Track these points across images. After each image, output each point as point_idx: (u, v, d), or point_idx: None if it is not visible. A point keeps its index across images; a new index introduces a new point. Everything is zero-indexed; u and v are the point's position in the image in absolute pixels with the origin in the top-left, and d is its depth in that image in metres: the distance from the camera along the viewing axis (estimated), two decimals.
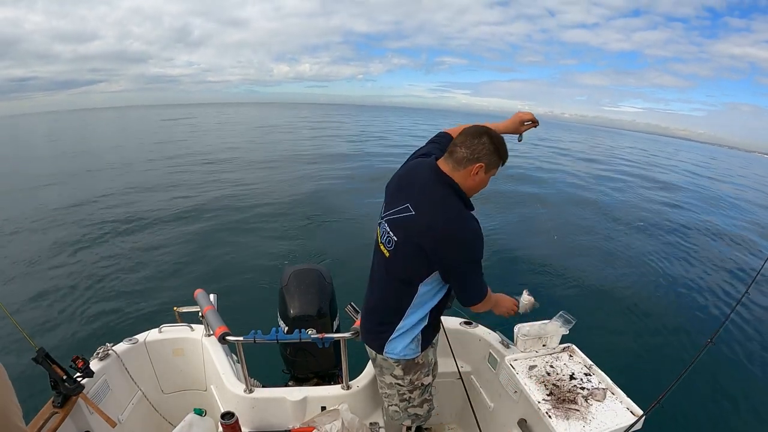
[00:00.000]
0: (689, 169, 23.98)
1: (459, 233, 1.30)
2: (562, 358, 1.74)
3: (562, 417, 1.44)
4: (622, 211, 8.75)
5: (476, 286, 1.42)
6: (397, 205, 1.38)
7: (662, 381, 1.32)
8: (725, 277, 5.33)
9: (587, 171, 16.06)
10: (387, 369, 1.58)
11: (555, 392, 1.55)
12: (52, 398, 1.54)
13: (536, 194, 10.07)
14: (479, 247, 1.34)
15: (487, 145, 1.32)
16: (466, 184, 1.35)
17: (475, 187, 1.37)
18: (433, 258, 1.32)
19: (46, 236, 6.81)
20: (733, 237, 7.14)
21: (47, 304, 4.55)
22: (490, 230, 6.78)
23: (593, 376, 1.63)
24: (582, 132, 78.11)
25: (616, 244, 6.58)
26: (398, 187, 1.43)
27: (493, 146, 1.32)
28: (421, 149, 1.54)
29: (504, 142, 1.37)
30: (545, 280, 5.05)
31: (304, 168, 11.87)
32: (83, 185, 10.66)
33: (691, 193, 12.27)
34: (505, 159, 1.38)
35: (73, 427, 1.63)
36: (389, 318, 1.48)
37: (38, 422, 1.46)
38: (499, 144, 1.35)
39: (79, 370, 1.60)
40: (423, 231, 1.31)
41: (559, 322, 1.76)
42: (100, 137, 30.54)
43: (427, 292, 1.42)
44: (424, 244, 1.31)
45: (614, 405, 1.49)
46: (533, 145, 24.19)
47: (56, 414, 1.51)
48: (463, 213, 1.33)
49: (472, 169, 1.31)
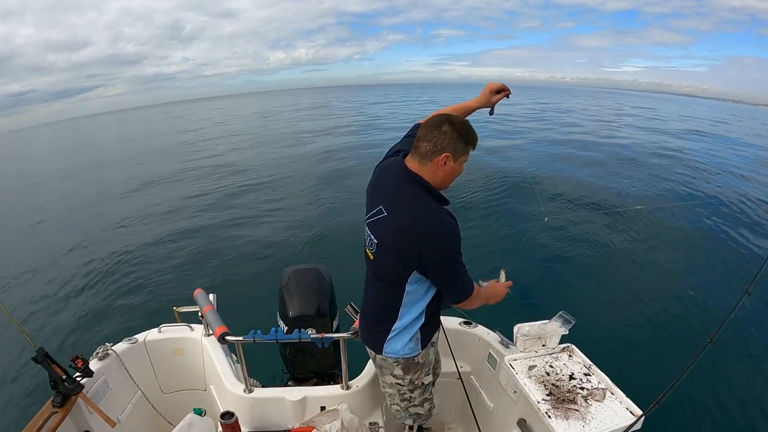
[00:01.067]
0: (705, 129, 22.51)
1: (426, 230, 1.28)
2: (561, 358, 1.74)
3: (561, 417, 1.44)
4: (618, 195, 8.62)
5: (458, 283, 1.38)
6: (373, 208, 1.39)
7: (662, 381, 1.32)
8: (726, 275, 5.32)
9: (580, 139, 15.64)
10: (387, 369, 1.58)
11: (554, 392, 1.55)
12: (51, 398, 1.55)
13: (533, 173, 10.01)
14: (451, 241, 1.30)
15: (449, 134, 1.28)
16: (436, 178, 1.32)
17: (445, 178, 1.34)
18: (408, 259, 1.32)
19: (46, 236, 6.82)
20: (737, 231, 7.08)
21: (47, 304, 4.56)
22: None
23: (593, 376, 1.63)
24: (584, 95, 76.68)
25: (616, 239, 6.57)
26: (373, 190, 1.44)
27: (456, 133, 1.28)
28: (395, 146, 1.52)
29: (468, 127, 1.32)
30: (543, 276, 5.04)
31: (304, 165, 11.85)
32: (82, 185, 10.68)
33: (698, 164, 11.88)
34: (472, 143, 1.33)
35: (73, 427, 1.63)
36: (385, 318, 1.48)
37: (38, 422, 1.46)
38: (462, 130, 1.30)
39: (79, 369, 1.60)
40: (394, 232, 1.32)
41: (558, 322, 1.76)
42: (102, 141, 30.58)
43: (416, 290, 1.41)
44: (396, 246, 1.32)
45: (614, 405, 1.49)
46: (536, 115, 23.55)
47: (56, 414, 1.51)
48: (431, 209, 1.30)
49: (438, 161, 1.28)
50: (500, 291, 1.58)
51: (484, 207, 7.36)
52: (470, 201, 7.53)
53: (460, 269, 1.35)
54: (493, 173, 9.01)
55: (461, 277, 1.37)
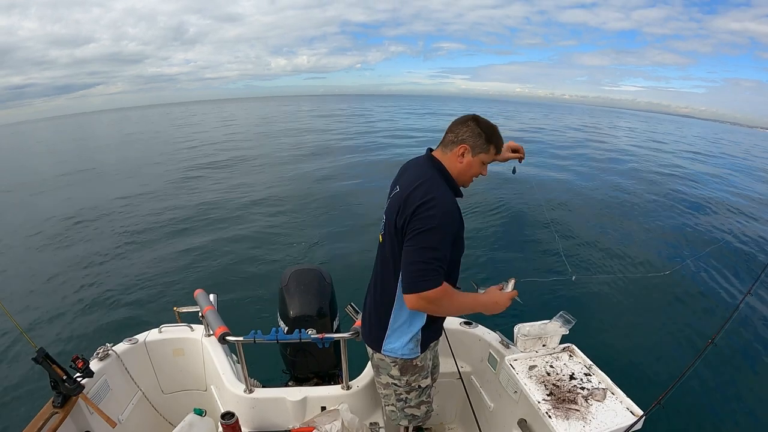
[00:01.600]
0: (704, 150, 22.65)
1: (419, 197, 1.24)
2: (562, 358, 1.74)
3: (562, 417, 1.43)
4: (622, 201, 8.64)
5: (419, 268, 1.21)
6: (392, 193, 1.42)
7: (663, 381, 1.32)
8: (728, 276, 5.31)
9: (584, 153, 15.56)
10: (384, 369, 1.56)
11: (555, 392, 1.55)
12: (52, 398, 1.54)
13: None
14: (439, 218, 1.21)
15: (472, 128, 1.33)
16: (455, 169, 1.35)
17: (463, 171, 1.36)
18: (399, 229, 1.28)
19: (46, 236, 6.83)
20: (739, 233, 7.08)
21: (47, 305, 4.56)
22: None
23: (593, 376, 1.62)
24: (584, 113, 76.65)
25: (617, 237, 6.56)
26: (395, 179, 1.47)
27: (479, 129, 1.33)
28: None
29: (492, 128, 1.35)
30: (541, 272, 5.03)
31: (304, 165, 11.86)
32: (80, 188, 10.69)
33: (697, 181, 11.98)
34: (494, 143, 1.35)
35: (73, 427, 1.63)
36: (383, 311, 1.46)
37: (38, 422, 1.46)
38: (485, 128, 1.34)
39: (79, 370, 1.60)
40: (397, 201, 1.32)
41: (559, 322, 1.76)
42: (100, 139, 30.56)
43: None
44: (392, 216, 1.33)
45: (614, 405, 1.48)
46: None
47: (56, 414, 1.51)
48: (436, 185, 1.29)
49: (457, 151, 1.33)
50: (501, 301, 1.42)
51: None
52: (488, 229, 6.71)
53: (428, 255, 1.21)
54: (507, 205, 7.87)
55: (426, 264, 1.21)
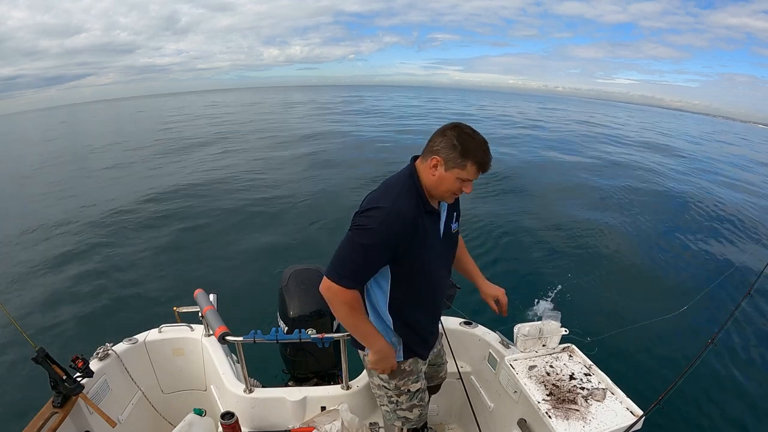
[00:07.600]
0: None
1: (365, 204, 1.23)
2: (561, 358, 1.74)
3: (561, 417, 1.44)
4: (624, 200, 8.61)
5: (340, 259, 1.22)
6: None
7: (662, 381, 1.32)
8: (727, 276, 5.31)
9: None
10: (373, 371, 1.54)
11: (555, 392, 1.55)
12: (52, 398, 1.54)
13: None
14: (372, 223, 1.17)
15: (448, 138, 1.17)
16: (429, 181, 1.24)
17: (434, 185, 1.23)
18: None
19: (46, 236, 6.82)
20: (738, 233, 7.08)
21: (47, 305, 4.56)
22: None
23: (593, 376, 1.63)
24: (580, 105, 76.33)
25: (616, 236, 6.55)
26: None
27: (454, 141, 1.15)
28: None
29: (472, 141, 1.17)
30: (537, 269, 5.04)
31: (304, 164, 11.84)
32: (76, 187, 10.66)
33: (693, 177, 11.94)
34: (471, 158, 1.16)
35: (73, 427, 1.63)
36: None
37: (38, 422, 1.46)
38: (463, 140, 1.15)
39: (79, 370, 1.60)
40: None
41: (557, 322, 1.76)
42: (94, 132, 30.47)
43: (370, 282, 1.36)
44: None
45: (614, 405, 1.48)
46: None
47: (56, 414, 1.51)
48: (392, 195, 1.21)
49: (429, 163, 1.21)
50: (388, 357, 1.39)
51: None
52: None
53: (354, 254, 1.20)
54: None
55: (349, 258, 1.20)
